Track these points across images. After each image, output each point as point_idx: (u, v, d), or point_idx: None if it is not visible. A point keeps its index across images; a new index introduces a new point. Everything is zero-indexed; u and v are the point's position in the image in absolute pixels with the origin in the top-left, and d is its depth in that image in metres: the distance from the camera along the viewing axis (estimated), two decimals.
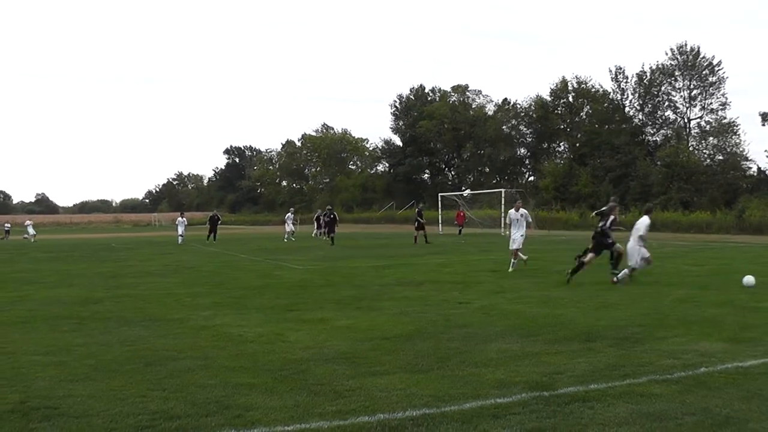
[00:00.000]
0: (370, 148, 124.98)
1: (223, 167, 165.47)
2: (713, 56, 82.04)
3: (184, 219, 50.12)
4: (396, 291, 17.16)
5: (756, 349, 9.79)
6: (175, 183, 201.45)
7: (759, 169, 76.11)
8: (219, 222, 50.97)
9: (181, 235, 47.12)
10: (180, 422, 6.58)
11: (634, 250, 18.55)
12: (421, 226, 42.56)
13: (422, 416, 6.67)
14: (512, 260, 22.32)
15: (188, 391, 7.63)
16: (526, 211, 22.82)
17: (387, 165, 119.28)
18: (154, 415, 6.77)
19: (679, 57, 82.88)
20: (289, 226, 52.62)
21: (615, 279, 18.14)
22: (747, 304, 14.35)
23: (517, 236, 22.12)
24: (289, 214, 54.36)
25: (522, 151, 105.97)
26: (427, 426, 6.40)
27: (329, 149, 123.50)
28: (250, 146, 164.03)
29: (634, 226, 19.13)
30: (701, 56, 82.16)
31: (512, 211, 22.64)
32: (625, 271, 18.40)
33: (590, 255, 18.81)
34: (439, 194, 66.43)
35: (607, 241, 18.82)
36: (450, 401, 7.15)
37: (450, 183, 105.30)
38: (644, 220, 18.81)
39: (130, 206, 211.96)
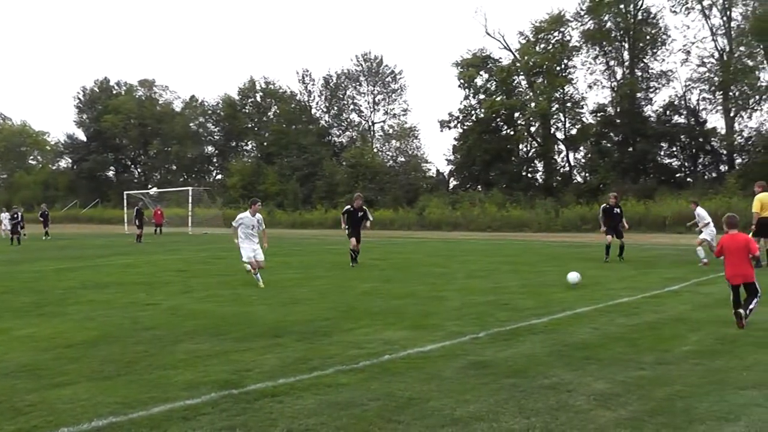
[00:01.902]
0: (52, 143, 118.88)
1: None
2: (395, 65, 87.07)
3: None
4: (80, 295, 16.48)
5: (435, 335, 10.58)
6: None
7: (438, 171, 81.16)
8: None
9: None
10: None
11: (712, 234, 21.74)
12: (141, 224, 44.14)
13: (109, 425, 6.52)
14: (255, 273, 17.67)
15: None
16: (261, 216, 18.71)
17: (70, 161, 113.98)
18: None
19: (363, 64, 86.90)
20: (4, 225, 48.58)
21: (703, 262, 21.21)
22: (427, 294, 15.45)
23: (255, 246, 18.06)
24: (6, 213, 49.75)
25: (210, 149, 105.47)
26: None
27: (7, 142, 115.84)
28: None
29: (702, 219, 22.26)
30: (384, 65, 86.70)
31: (247, 214, 18.22)
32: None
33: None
34: (125, 192, 64.75)
35: None
36: (138, 407, 7.03)
37: (136, 180, 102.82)
38: (704, 211, 22.44)
39: None
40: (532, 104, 67.89)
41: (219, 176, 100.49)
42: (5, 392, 7.79)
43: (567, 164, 72.41)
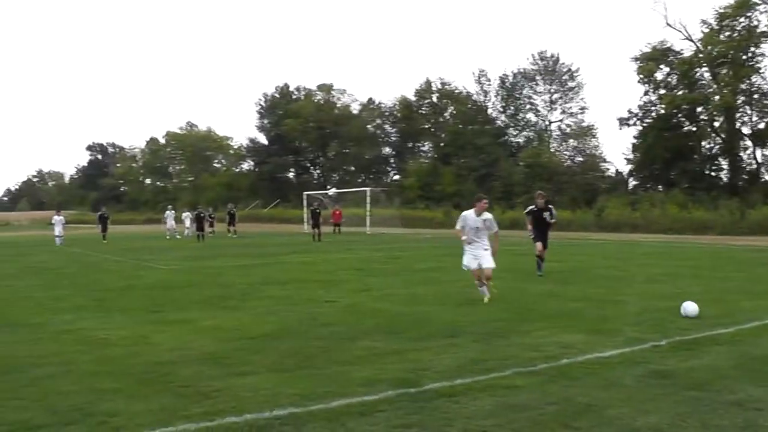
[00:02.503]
0: (235, 147, 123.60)
1: (86, 164, 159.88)
2: (572, 63, 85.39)
3: (62, 217, 45.31)
4: (261, 290, 17.10)
5: (614, 340, 10.23)
6: (35, 180, 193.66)
7: (617, 170, 79.08)
8: (108, 220, 48.15)
9: (60, 236, 43.40)
10: None
11: None
12: (316, 224, 44.80)
13: (289, 415, 6.68)
14: (480, 284, 14.70)
15: (49, 400, 7.38)
16: (491, 215, 15.04)
17: (252, 163, 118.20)
18: (12, 426, 6.53)
19: (540, 62, 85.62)
20: (170, 223, 51.63)
21: None
22: (605, 298, 14.94)
23: (480, 251, 14.53)
24: (169, 212, 52.81)
25: (387, 150, 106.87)
26: (295, 425, 6.42)
27: (194, 147, 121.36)
28: (113, 143, 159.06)
29: None
30: (561, 62, 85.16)
31: (470, 213, 14.76)
32: None
33: None
34: (305, 193, 66.26)
35: None
36: (317, 400, 7.17)
37: (315, 181, 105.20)
38: None
39: None
40: (716, 97, 64.29)
41: (396, 177, 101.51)
42: (192, 378, 8.20)
43: (754, 161, 68.28)
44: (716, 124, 68.53)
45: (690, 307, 12.30)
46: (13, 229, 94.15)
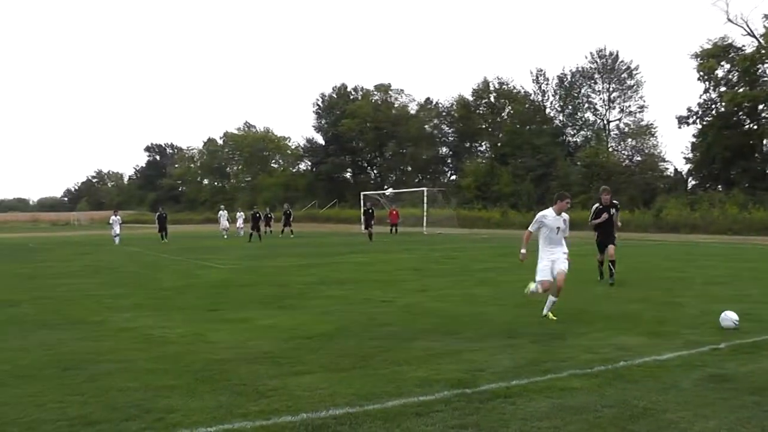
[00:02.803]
0: (293, 147, 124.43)
1: (144, 165, 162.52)
2: (631, 60, 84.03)
3: (119, 217, 46.32)
4: (319, 290, 17.14)
5: (672, 343, 10.04)
6: (94, 181, 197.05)
7: (676, 170, 77.69)
8: (167, 220, 48.91)
9: (117, 235, 44.23)
10: (99, 428, 6.45)
11: None
12: (370, 224, 45.57)
13: (345, 415, 6.67)
14: (548, 295, 12.57)
15: (108, 396, 7.48)
16: (568, 216, 12.88)
17: (309, 164, 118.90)
18: (72, 421, 6.60)
19: (598, 60, 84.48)
20: (223, 223, 52.59)
21: None
22: (664, 300, 14.70)
23: (559, 255, 12.53)
24: (222, 212, 54.01)
25: (444, 150, 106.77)
26: (351, 425, 6.40)
27: (251, 148, 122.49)
28: (172, 144, 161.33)
29: None
30: (620, 60, 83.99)
31: (549, 211, 12.68)
32: None
33: None
34: (362, 193, 66.35)
35: None
36: (373, 400, 7.16)
37: (372, 182, 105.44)
38: None
39: (48, 205, 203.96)
40: None
41: (453, 177, 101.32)
42: (249, 376, 8.23)
43: None
44: None
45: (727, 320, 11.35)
46: (72, 228, 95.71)
